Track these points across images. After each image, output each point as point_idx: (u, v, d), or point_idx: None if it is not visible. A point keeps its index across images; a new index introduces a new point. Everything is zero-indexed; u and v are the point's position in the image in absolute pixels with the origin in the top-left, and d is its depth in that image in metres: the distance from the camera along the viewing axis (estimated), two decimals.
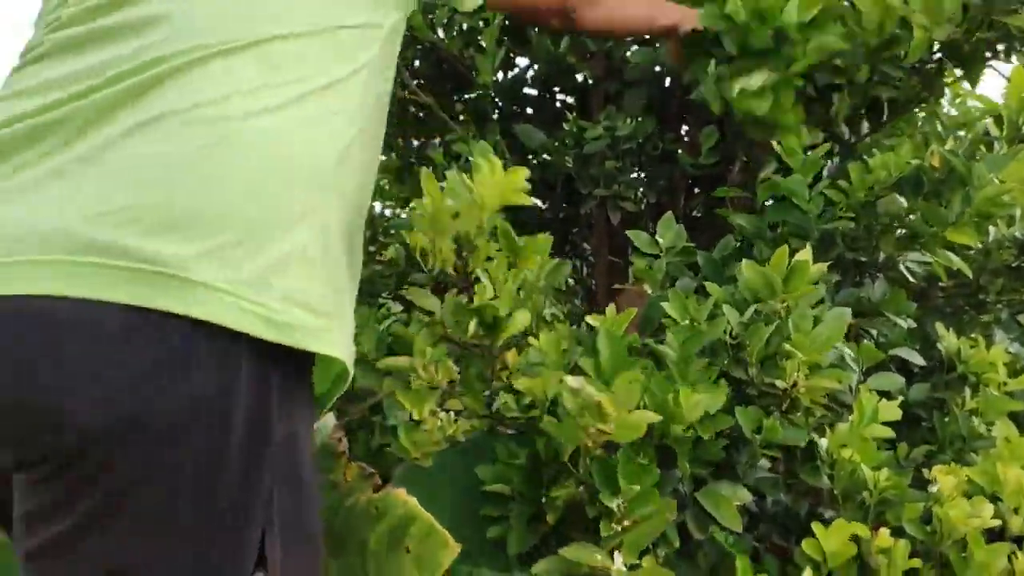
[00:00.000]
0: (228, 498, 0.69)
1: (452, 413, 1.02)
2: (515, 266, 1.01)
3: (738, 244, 1.34)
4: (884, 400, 1.11)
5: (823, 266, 1.04)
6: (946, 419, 1.38)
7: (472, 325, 0.99)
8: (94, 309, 0.67)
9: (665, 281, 1.26)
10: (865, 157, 1.24)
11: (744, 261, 1.07)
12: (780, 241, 1.26)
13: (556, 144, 1.59)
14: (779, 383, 1.05)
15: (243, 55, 0.78)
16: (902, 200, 1.23)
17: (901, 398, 1.18)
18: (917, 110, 1.53)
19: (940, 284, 1.55)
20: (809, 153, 1.21)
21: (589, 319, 1.08)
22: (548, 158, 1.66)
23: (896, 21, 1.26)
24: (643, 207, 1.66)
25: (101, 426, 0.65)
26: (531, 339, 1.07)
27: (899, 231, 1.26)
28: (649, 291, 1.24)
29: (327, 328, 0.76)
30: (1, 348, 0.67)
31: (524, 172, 0.95)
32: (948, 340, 1.45)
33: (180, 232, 0.70)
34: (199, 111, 0.74)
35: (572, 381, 0.93)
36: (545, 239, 1.04)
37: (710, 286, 1.16)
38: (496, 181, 0.92)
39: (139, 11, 0.81)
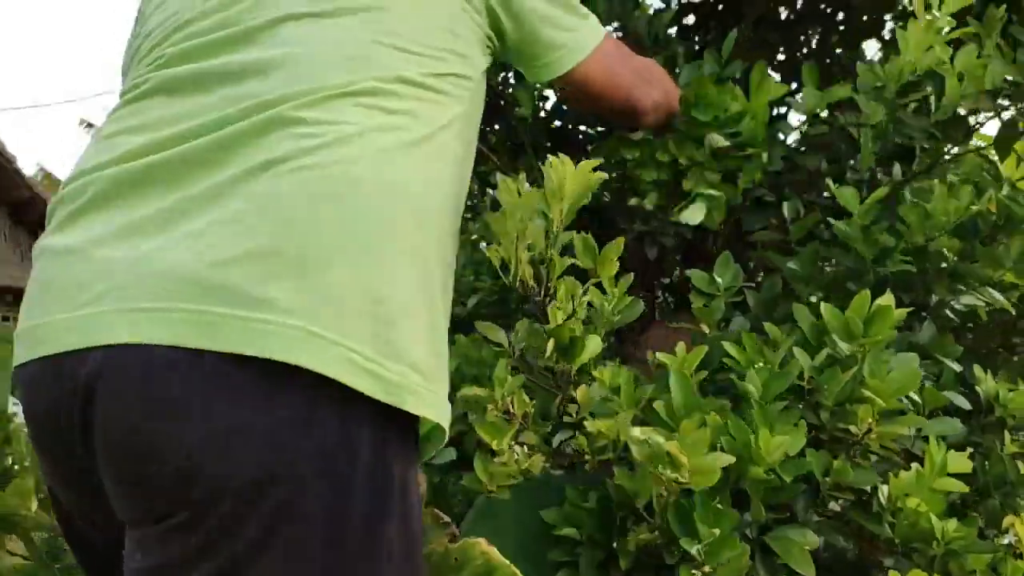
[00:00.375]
0: (352, 550, 0.68)
1: (526, 447, 1.00)
2: (593, 275, 1.00)
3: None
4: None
5: (903, 312, 1.04)
6: (986, 463, 1.38)
7: (549, 347, 0.97)
8: (226, 363, 0.65)
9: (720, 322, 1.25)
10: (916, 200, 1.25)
11: (823, 305, 1.06)
12: (833, 283, 1.27)
13: None
14: (853, 428, 1.04)
15: (356, 100, 0.77)
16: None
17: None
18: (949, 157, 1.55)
19: (970, 325, 1.56)
20: (866, 199, 1.21)
21: (661, 357, 1.06)
22: None
23: (923, 71, 1.29)
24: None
25: (235, 482, 0.64)
26: (596, 372, 1.05)
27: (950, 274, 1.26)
28: (707, 330, 1.23)
29: (430, 388, 0.75)
30: (136, 399, 0.66)
31: (594, 162, 0.96)
32: (986, 382, 1.45)
33: (304, 280, 0.68)
34: (316, 155, 0.73)
35: (637, 432, 0.91)
36: (618, 244, 1.03)
37: (770, 328, 1.15)
38: (571, 172, 0.93)
39: (249, 54, 0.80)
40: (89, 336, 0.68)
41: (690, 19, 1.84)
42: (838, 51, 1.89)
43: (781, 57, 1.89)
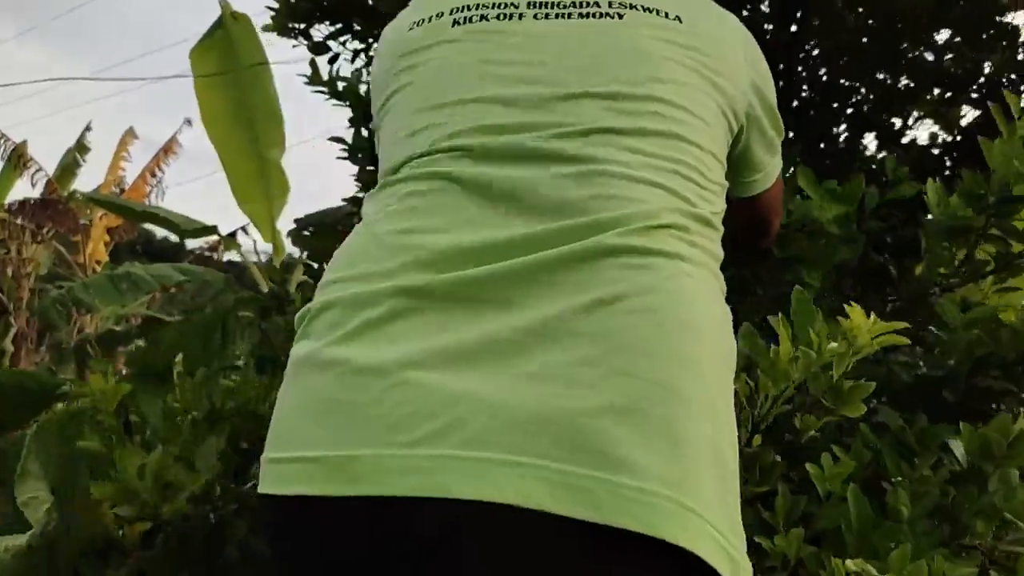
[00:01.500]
0: None
1: None
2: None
3: None
4: None
5: None
6: None
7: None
8: (597, 532, 0.59)
9: None
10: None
11: (961, 424, 1.08)
12: (924, 392, 1.31)
13: None
14: (980, 543, 1.07)
15: (669, 232, 0.73)
16: None
17: None
18: None
19: None
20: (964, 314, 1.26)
21: (809, 467, 1.05)
22: None
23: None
24: None
25: None
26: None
27: None
28: None
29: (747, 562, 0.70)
30: (498, 566, 0.60)
31: (898, 325, 0.97)
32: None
33: (670, 445, 0.63)
34: (651, 297, 0.68)
35: (853, 565, 0.91)
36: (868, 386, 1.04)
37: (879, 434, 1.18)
38: (873, 327, 0.93)
39: (559, 165, 0.75)
40: (436, 484, 0.60)
41: None
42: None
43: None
